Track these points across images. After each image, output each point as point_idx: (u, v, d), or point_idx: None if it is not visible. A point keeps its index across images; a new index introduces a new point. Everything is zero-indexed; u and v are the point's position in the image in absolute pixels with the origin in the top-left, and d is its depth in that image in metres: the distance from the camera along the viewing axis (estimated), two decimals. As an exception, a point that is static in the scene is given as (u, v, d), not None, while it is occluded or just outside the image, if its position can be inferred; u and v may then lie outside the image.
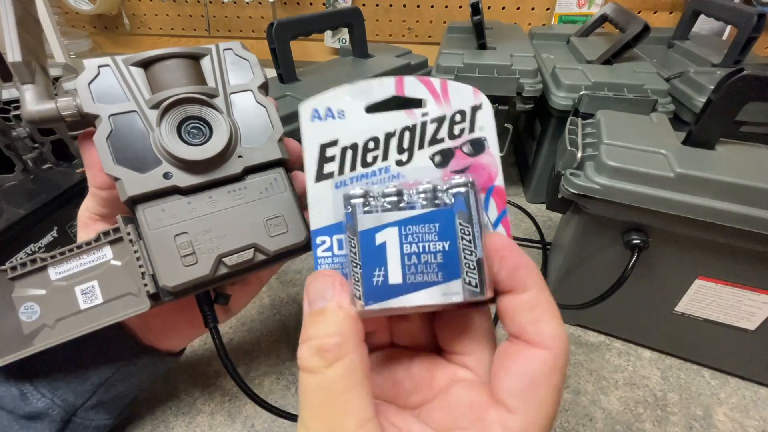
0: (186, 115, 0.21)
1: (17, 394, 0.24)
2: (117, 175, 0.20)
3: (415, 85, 0.19)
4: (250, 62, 0.24)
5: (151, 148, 0.21)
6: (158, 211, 0.21)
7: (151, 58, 0.21)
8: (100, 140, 0.20)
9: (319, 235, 0.18)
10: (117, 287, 0.23)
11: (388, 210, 0.17)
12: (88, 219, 0.24)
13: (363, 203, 0.17)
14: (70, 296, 0.23)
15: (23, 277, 0.23)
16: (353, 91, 0.19)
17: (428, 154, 0.19)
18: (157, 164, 0.20)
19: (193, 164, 0.21)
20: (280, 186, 0.23)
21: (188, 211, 0.21)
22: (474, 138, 0.19)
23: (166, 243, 0.20)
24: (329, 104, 0.19)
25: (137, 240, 0.21)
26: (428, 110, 0.19)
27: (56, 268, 0.23)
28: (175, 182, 0.21)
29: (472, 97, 0.19)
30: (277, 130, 0.23)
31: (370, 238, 0.17)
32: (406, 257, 0.16)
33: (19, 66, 0.20)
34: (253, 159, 0.22)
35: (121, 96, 0.21)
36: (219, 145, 0.21)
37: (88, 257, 0.23)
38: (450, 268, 0.16)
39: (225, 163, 0.22)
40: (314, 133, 0.18)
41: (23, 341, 0.22)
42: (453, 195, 0.17)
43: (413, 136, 0.19)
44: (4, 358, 0.21)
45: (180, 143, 0.21)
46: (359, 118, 0.19)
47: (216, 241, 0.21)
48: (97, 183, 0.22)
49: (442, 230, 0.17)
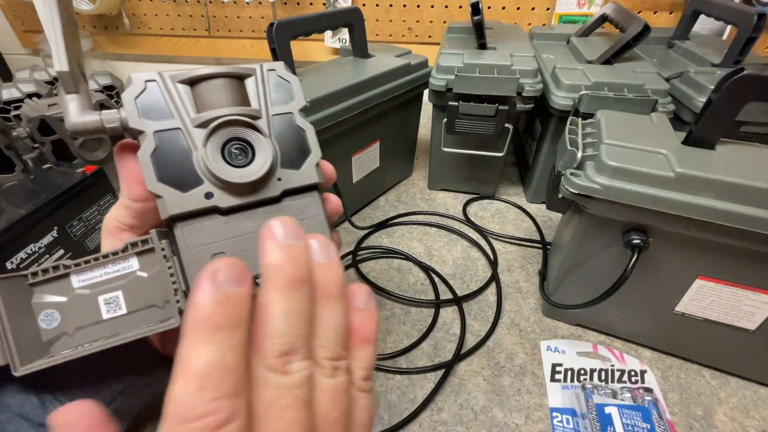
0: (230, 137, 0.21)
1: (37, 403, 0.24)
2: (159, 193, 0.20)
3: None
4: (292, 84, 0.24)
5: (193, 167, 0.21)
6: (197, 230, 0.21)
7: (198, 77, 0.22)
8: (144, 156, 0.20)
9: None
10: (141, 299, 0.23)
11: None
12: (115, 228, 0.24)
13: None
14: (92, 305, 0.22)
15: (44, 284, 0.22)
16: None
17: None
18: (199, 183, 0.21)
19: (235, 186, 0.21)
20: (314, 209, 0.23)
21: (226, 231, 0.21)
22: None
23: (203, 262, 0.20)
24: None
25: (171, 256, 0.21)
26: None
27: (79, 276, 0.23)
28: (215, 202, 0.21)
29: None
30: (315, 155, 0.23)
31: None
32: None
33: (66, 75, 0.20)
34: (292, 183, 0.22)
35: (167, 113, 0.21)
36: (262, 169, 0.21)
37: (113, 267, 0.23)
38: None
39: (265, 185, 0.22)
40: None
41: (42, 348, 0.22)
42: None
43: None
44: (24, 368, 0.21)
45: (224, 165, 0.21)
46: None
47: (252, 261, 0.21)
48: (133, 195, 0.22)
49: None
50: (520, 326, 0.44)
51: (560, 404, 0.36)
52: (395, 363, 0.40)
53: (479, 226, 0.58)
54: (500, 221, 0.60)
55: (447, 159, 0.61)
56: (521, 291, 0.48)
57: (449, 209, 0.62)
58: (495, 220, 0.60)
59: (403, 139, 0.65)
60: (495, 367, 0.40)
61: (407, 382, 0.38)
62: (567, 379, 0.38)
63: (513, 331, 0.43)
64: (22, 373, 0.21)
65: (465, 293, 0.47)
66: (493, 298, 0.47)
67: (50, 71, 0.75)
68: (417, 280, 0.50)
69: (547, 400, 0.37)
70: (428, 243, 0.55)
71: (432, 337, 0.43)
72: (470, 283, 0.49)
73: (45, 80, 0.73)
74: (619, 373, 0.39)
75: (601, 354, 0.41)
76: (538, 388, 0.38)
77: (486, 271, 0.51)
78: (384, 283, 0.49)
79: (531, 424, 0.35)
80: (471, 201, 0.64)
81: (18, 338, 0.21)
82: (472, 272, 0.51)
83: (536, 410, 0.36)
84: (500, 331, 0.44)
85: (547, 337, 0.43)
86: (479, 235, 0.57)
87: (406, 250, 0.53)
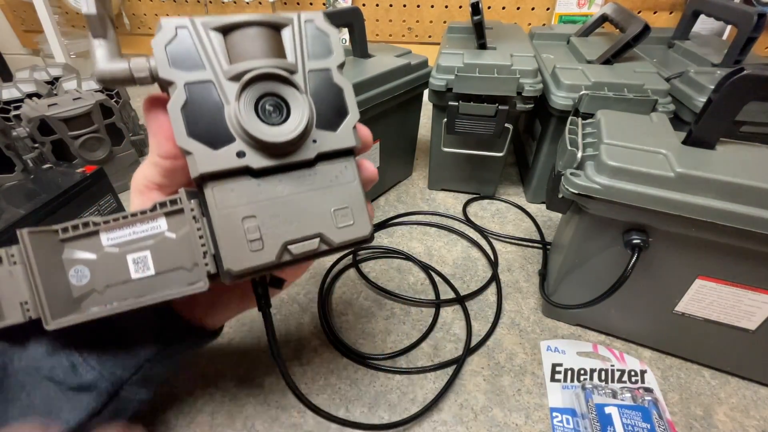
0: (264, 92, 0.20)
1: (68, 366, 0.24)
2: (189, 149, 0.19)
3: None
4: (330, 38, 0.22)
5: (225, 123, 0.19)
6: (228, 191, 0.20)
7: (232, 24, 0.20)
8: (174, 109, 0.19)
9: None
10: (169, 260, 0.22)
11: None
12: (144, 187, 0.23)
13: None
14: (121, 264, 0.22)
15: (74, 240, 0.22)
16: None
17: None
18: (231, 141, 0.19)
19: (269, 146, 0.20)
20: (349, 176, 0.22)
21: (257, 194, 0.20)
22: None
23: (234, 225, 0.20)
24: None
25: (201, 217, 0.21)
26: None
27: (108, 234, 0.22)
28: (247, 162, 0.19)
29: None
30: (353, 116, 0.22)
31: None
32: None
33: (93, 18, 0.19)
34: (327, 145, 0.21)
35: (198, 63, 0.19)
36: (298, 128, 0.20)
37: (142, 226, 0.22)
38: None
39: (300, 146, 0.21)
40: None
41: (72, 304, 0.22)
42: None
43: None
44: (56, 321, 0.21)
45: (258, 122, 0.19)
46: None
47: (283, 227, 0.20)
48: (162, 152, 0.22)
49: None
50: (520, 326, 0.44)
51: (560, 404, 0.36)
52: (395, 363, 0.40)
53: (479, 226, 0.58)
54: (500, 221, 0.60)
55: (447, 159, 0.61)
56: (521, 291, 0.48)
57: (449, 209, 0.62)
58: (495, 220, 0.60)
59: (403, 139, 0.65)
60: (495, 367, 0.40)
61: (407, 382, 0.38)
62: (567, 379, 0.38)
63: (513, 331, 0.43)
64: (53, 327, 0.21)
65: (465, 293, 0.47)
66: (493, 298, 0.47)
67: (50, 71, 0.75)
68: (417, 280, 0.50)
69: (547, 400, 0.37)
70: (428, 243, 0.55)
71: (432, 337, 0.43)
72: (470, 283, 0.49)
73: (45, 80, 0.73)
74: (619, 373, 0.39)
75: (601, 354, 0.41)
76: (538, 388, 0.38)
77: (486, 271, 0.51)
78: (384, 283, 0.49)
79: (531, 424, 0.35)
80: (471, 201, 0.64)
81: (49, 292, 0.21)
82: (472, 272, 0.51)
83: (536, 410, 0.36)
84: (500, 331, 0.44)
85: (547, 337, 0.43)
86: (479, 235, 0.57)
87: (406, 250, 0.53)
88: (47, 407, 0.23)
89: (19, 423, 0.23)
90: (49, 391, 0.23)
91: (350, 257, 0.52)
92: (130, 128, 0.72)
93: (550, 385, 0.38)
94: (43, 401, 0.23)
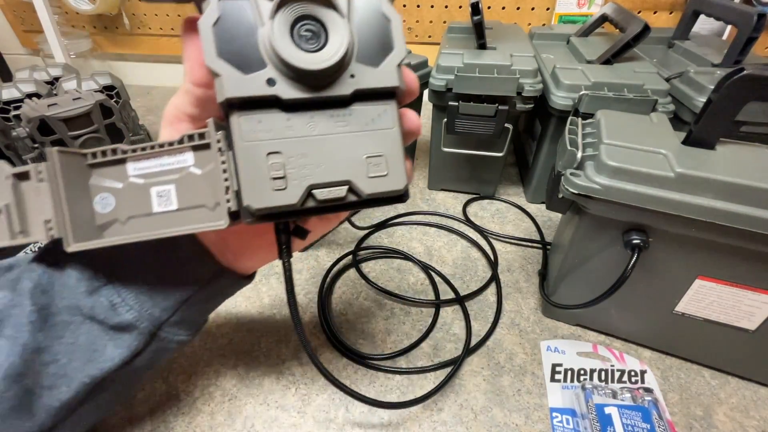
0: (302, 14, 0.18)
1: (107, 305, 0.24)
2: (217, 70, 0.18)
3: None
4: None
5: (257, 46, 0.18)
6: (255, 121, 0.18)
7: None
8: (205, 26, 0.17)
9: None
10: (193, 197, 0.21)
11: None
12: (174, 117, 0.23)
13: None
14: (144, 196, 0.21)
15: (101, 167, 0.22)
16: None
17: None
18: (262, 66, 0.18)
19: (302, 74, 0.18)
20: (388, 121, 0.20)
21: (286, 129, 0.19)
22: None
23: (258, 159, 0.18)
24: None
25: (226, 150, 0.20)
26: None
27: (135, 163, 0.22)
28: (278, 92, 0.18)
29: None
30: (398, 52, 0.20)
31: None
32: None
33: None
34: (366, 82, 0.19)
35: None
36: (335, 56, 0.18)
37: (168, 159, 0.21)
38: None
39: (335, 80, 0.19)
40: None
41: (95, 231, 0.21)
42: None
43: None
44: (77, 245, 0.21)
45: (292, 46, 0.18)
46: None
47: (309, 168, 0.19)
48: (194, 78, 0.21)
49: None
50: (520, 326, 0.44)
51: (560, 404, 0.36)
52: (395, 363, 0.40)
53: (479, 226, 0.58)
54: (500, 221, 0.60)
55: (447, 159, 0.61)
56: (521, 291, 0.48)
57: (449, 209, 0.62)
58: (495, 220, 0.60)
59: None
60: (495, 367, 0.40)
61: (407, 382, 0.38)
62: (567, 380, 0.38)
63: (513, 331, 0.43)
64: (73, 250, 0.21)
65: (465, 293, 0.47)
66: (493, 298, 0.47)
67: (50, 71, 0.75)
68: (417, 280, 0.50)
69: (547, 400, 0.37)
70: (428, 243, 0.55)
71: (432, 337, 0.43)
72: (470, 283, 0.49)
73: (45, 80, 0.73)
74: (619, 373, 0.39)
75: (601, 354, 0.41)
76: (538, 388, 0.38)
77: (486, 271, 0.51)
78: (384, 283, 0.49)
79: (531, 424, 0.35)
80: (471, 201, 0.64)
81: (74, 214, 0.21)
82: (472, 272, 0.51)
83: (536, 410, 0.36)
84: (500, 331, 0.44)
85: (547, 337, 0.43)
86: (479, 235, 0.57)
87: (406, 250, 0.53)
88: (91, 345, 0.24)
89: None
90: (92, 329, 0.24)
91: (350, 257, 0.52)
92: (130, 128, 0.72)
93: (550, 386, 0.38)
94: (86, 339, 0.24)
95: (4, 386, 0.21)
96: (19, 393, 0.22)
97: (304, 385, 0.38)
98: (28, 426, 0.23)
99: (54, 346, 0.23)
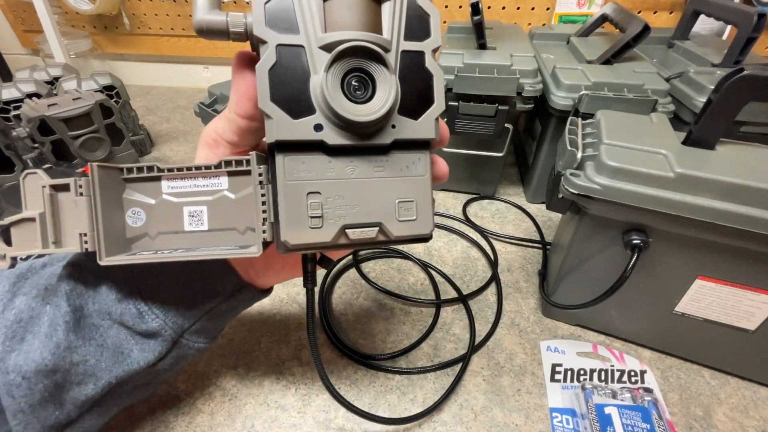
0: (354, 66, 0.19)
1: (135, 313, 0.25)
2: (270, 114, 0.18)
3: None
4: (431, 18, 0.21)
5: (308, 93, 0.19)
6: (299, 162, 0.19)
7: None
8: (262, 70, 0.18)
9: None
10: (224, 219, 0.22)
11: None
12: (213, 141, 0.24)
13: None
14: (177, 214, 0.22)
15: (136, 182, 0.23)
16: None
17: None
18: (311, 112, 0.19)
19: (349, 123, 0.19)
20: (421, 168, 0.21)
21: (326, 171, 0.20)
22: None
23: (299, 198, 0.19)
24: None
25: (267, 183, 0.21)
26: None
27: (170, 182, 0.22)
28: (324, 137, 0.19)
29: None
30: (438, 107, 0.21)
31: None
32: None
33: None
34: (407, 133, 0.20)
35: (293, 26, 0.19)
36: (381, 110, 0.19)
37: (203, 180, 0.22)
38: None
39: (378, 129, 0.20)
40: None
41: (125, 244, 0.22)
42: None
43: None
44: (109, 258, 0.21)
45: (342, 98, 0.19)
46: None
47: (345, 209, 0.20)
48: (241, 111, 0.22)
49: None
50: (520, 326, 0.44)
51: (560, 404, 0.36)
52: (395, 363, 0.40)
53: (479, 226, 0.58)
54: (500, 221, 0.60)
55: (447, 159, 0.60)
56: (521, 291, 0.48)
57: (449, 209, 0.62)
58: (495, 220, 0.60)
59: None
60: (495, 367, 0.40)
61: (407, 382, 0.38)
62: (567, 380, 0.38)
63: (513, 331, 0.43)
64: (105, 263, 0.21)
65: (465, 293, 0.47)
66: (493, 298, 0.47)
67: (50, 71, 0.75)
68: (417, 280, 0.50)
69: (547, 401, 0.37)
70: (428, 243, 0.55)
71: (432, 338, 0.43)
72: (470, 283, 0.49)
73: (45, 80, 0.73)
74: (619, 373, 0.39)
75: (600, 354, 0.41)
76: (538, 389, 0.38)
77: (486, 271, 0.51)
78: (384, 283, 0.49)
79: (531, 424, 0.35)
80: (471, 201, 0.64)
81: (107, 228, 0.22)
82: (472, 272, 0.51)
83: (536, 410, 0.36)
84: (500, 331, 0.44)
85: (547, 337, 0.43)
86: (479, 235, 0.57)
87: (406, 250, 0.53)
88: (119, 348, 0.25)
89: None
90: (120, 334, 0.26)
91: (350, 257, 0.52)
92: (130, 128, 0.72)
93: (549, 386, 0.38)
94: (114, 342, 0.25)
95: (36, 380, 0.23)
96: (50, 386, 0.23)
97: (304, 385, 0.38)
98: (56, 415, 0.24)
99: (84, 346, 0.24)
